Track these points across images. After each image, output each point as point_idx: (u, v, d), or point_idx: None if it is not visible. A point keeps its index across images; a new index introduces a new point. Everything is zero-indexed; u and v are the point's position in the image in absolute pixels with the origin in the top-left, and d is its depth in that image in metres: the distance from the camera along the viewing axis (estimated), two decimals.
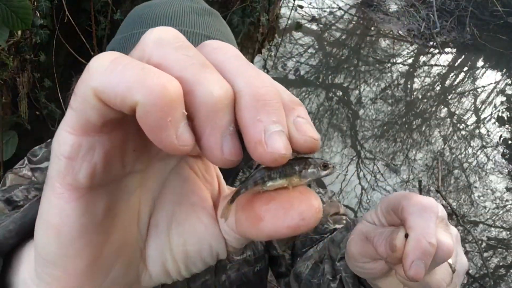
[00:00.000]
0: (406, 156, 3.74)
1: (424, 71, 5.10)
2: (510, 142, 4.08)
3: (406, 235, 0.38)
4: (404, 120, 4.21)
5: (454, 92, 4.87)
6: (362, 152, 3.70)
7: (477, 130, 4.24)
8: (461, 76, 5.23)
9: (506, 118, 4.43)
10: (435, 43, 5.44)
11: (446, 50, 5.47)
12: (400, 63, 5.12)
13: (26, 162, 0.72)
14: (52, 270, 0.22)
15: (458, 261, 0.41)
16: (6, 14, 1.00)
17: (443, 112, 4.44)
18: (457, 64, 5.43)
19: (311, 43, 5.02)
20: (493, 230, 3.21)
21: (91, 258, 0.22)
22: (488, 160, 3.86)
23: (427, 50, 5.47)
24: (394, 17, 5.83)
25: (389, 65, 5.03)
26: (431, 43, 5.49)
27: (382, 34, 5.63)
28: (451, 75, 5.18)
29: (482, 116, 4.49)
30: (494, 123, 4.37)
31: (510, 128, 4.29)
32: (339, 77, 4.65)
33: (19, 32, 1.46)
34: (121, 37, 0.70)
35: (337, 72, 4.72)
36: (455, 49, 5.59)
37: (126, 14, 0.76)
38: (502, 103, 4.70)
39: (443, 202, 3.19)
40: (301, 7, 3.69)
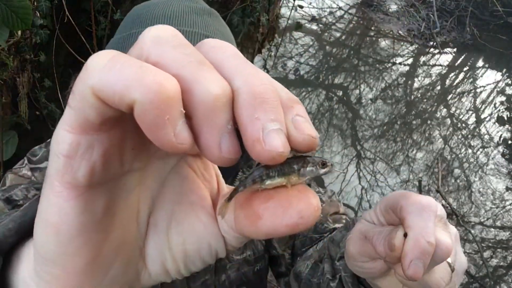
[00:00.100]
0: (406, 156, 3.74)
1: (424, 71, 5.10)
2: (510, 142, 4.08)
3: (405, 235, 0.38)
4: (404, 120, 4.20)
5: (454, 92, 4.87)
6: (362, 152, 3.70)
7: (477, 130, 4.24)
8: (461, 76, 5.22)
9: (506, 118, 4.42)
10: (435, 43, 5.43)
11: (446, 50, 5.46)
12: (400, 63, 5.11)
13: (25, 162, 0.72)
14: (51, 268, 0.23)
15: (457, 260, 0.41)
16: (6, 14, 1.00)
17: (443, 112, 4.43)
18: (457, 64, 5.42)
19: (311, 43, 5.01)
20: (493, 230, 3.21)
21: (90, 256, 0.23)
22: (488, 160, 3.86)
23: (427, 50, 5.47)
24: (394, 17, 5.83)
25: (389, 65, 5.03)
26: (431, 43, 5.49)
27: (382, 34, 5.62)
28: (451, 75, 5.17)
29: (482, 116, 4.48)
30: (494, 123, 4.36)
31: (510, 128, 4.29)
32: (339, 77, 4.64)
33: (19, 32, 1.46)
34: (119, 36, 0.69)
35: (337, 72, 4.71)
36: (455, 49, 5.58)
37: (126, 14, 0.76)
38: (502, 103, 4.70)
39: (443, 202, 3.19)
40: (301, 7, 3.69)
